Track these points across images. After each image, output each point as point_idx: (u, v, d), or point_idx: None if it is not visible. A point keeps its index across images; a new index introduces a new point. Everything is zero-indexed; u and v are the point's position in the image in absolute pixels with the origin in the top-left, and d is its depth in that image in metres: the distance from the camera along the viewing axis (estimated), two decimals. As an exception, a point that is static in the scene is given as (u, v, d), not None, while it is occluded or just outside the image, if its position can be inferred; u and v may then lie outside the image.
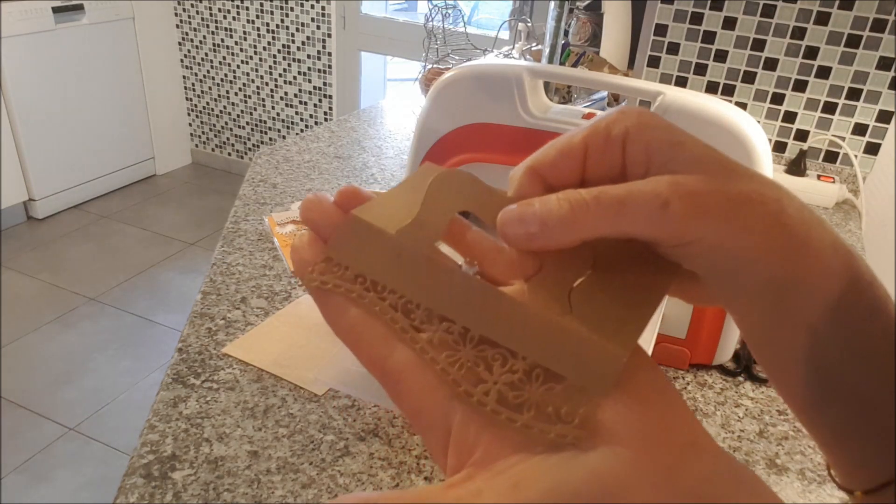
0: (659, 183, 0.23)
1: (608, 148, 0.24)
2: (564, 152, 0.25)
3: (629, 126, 0.24)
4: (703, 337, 0.72)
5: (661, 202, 0.22)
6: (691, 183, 0.23)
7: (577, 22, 1.47)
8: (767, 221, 0.23)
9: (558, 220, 0.23)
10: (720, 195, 0.23)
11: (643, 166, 0.24)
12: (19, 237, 2.75)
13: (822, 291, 0.24)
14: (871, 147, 1.31)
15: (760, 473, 0.61)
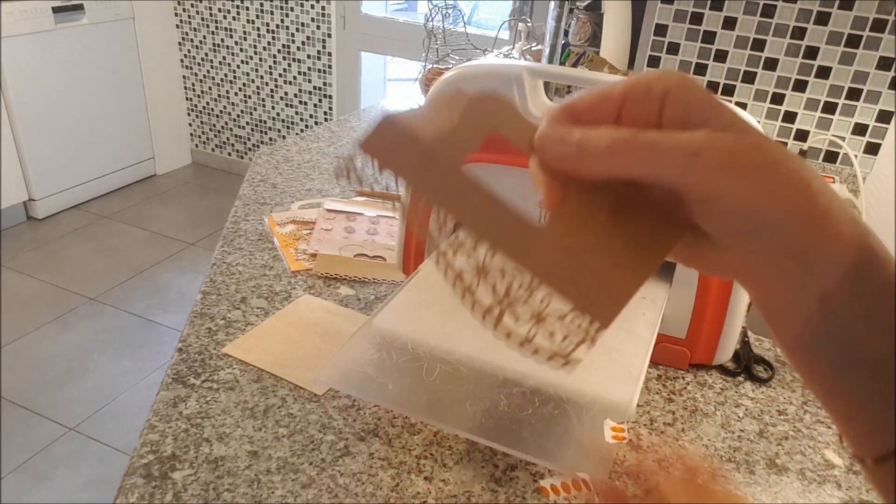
0: (694, 134, 0.24)
1: (647, 102, 0.25)
2: (604, 97, 0.26)
3: (670, 86, 0.25)
4: (703, 337, 0.72)
5: (694, 150, 0.23)
6: (726, 139, 0.23)
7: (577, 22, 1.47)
8: (794, 187, 0.24)
9: (595, 148, 0.24)
10: (752, 154, 0.24)
11: (680, 124, 0.25)
12: (19, 237, 2.75)
13: (840, 260, 0.24)
14: (871, 147, 1.31)
15: (760, 473, 0.61)
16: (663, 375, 0.73)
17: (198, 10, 3.15)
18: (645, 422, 0.66)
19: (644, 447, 0.63)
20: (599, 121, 0.26)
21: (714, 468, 0.57)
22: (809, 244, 0.24)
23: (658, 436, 0.64)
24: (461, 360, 0.60)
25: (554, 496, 0.56)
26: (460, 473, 0.58)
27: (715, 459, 0.62)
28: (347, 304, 0.80)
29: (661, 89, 0.25)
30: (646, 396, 0.69)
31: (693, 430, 0.66)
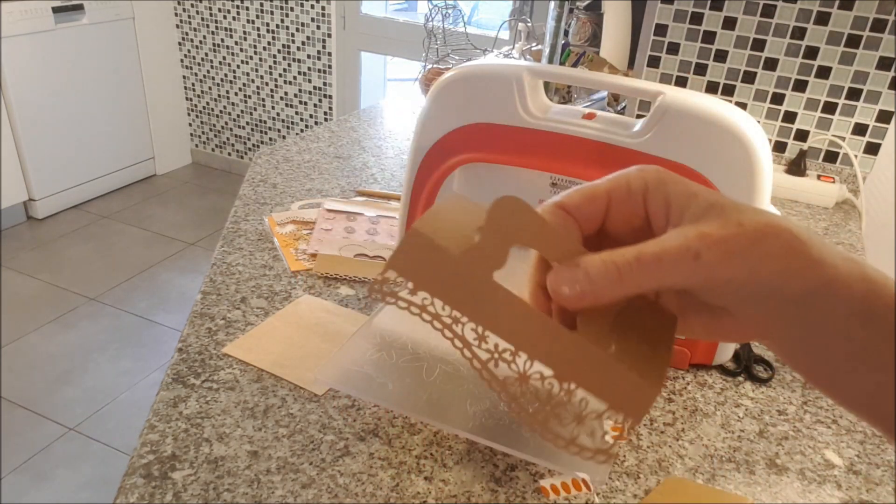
0: (687, 237, 0.26)
1: (630, 199, 0.28)
2: (589, 198, 0.28)
3: (648, 181, 0.28)
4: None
5: (693, 254, 0.26)
6: (715, 231, 0.26)
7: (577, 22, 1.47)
8: (786, 250, 0.26)
9: (606, 282, 0.26)
10: (741, 237, 0.26)
11: (664, 215, 0.28)
12: (19, 237, 2.75)
13: (846, 297, 0.26)
14: (871, 147, 1.31)
15: (760, 473, 0.61)
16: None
17: (198, 10, 3.15)
18: (645, 422, 0.66)
19: (644, 447, 0.63)
20: (590, 218, 0.29)
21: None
22: (813, 293, 0.26)
23: (658, 436, 0.64)
24: (461, 360, 0.60)
25: (554, 496, 0.56)
26: (460, 473, 0.58)
27: (715, 459, 0.62)
28: (347, 304, 0.80)
29: (640, 186, 0.28)
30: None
31: (693, 430, 0.66)
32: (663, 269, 0.26)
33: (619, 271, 0.26)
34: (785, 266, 0.26)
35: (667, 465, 0.61)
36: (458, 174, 0.73)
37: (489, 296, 0.26)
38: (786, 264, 0.26)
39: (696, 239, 0.26)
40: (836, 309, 0.26)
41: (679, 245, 0.26)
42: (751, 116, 0.65)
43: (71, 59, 2.81)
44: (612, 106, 1.44)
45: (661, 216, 0.28)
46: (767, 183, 0.63)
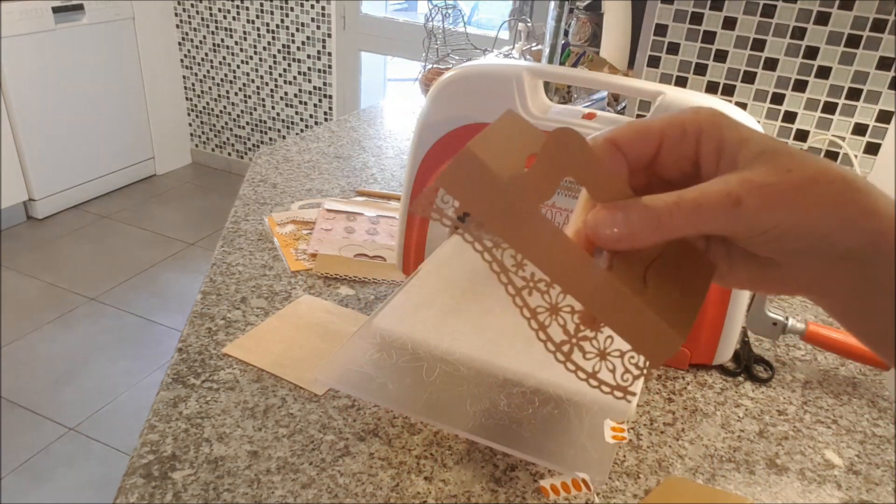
0: (729, 182, 0.25)
1: (683, 141, 0.28)
2: (642, 135, 0.28)
3: (703, 124, 0.27)
4: (703, 337, 0.72)
5: (734, 200, 0.25)
6: (759, 177, 0.25)
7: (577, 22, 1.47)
8: (836, 198, 0.25)
9: (645, 226, 0.26)
10: (787, 183, 0.25)
11: (714, 161, 0.27)
12: (19, 237, 2.75)
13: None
14: (871, 147, 1.31)
15: (760, 473, 0.61)
16: (663, 375, 0.73)
17: (198, 10, 3.15)
18: (645, 422, 0.66)
19: (644, 447, 0.63)
20: (640, 155, 0.28)
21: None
22: (865, 246, 0.25)
23: (658, 436, 0.64)
24: (461, 360, 0.60)
25: (554, 496, 0.56)
26: (460, 473, 0.58)
27: (715, 459, 0.62)
28: (347, 304, 0.80)
29: (695, 129, 0.27)
30: (646, 396, 0.69)
31: (693, 430, 0.66)
32: (703, 216, 0.25)
33: (658, 217, 0.25)
34: (833, 215, 0.25)
35: (667, 465, 0.61)
36: (458, 174, 0.73)
37: (532, 226, 0.26)
38: (834, 213, 0.25)
39: (737, 184, 0.25)
40: (891, 264, 0.25)
41: (720, 190, 0.25)
42: (751, 116, 0.65)
43: (71, 59, 2.81)
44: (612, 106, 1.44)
45: (712, 162, 0.27)
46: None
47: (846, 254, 0.25)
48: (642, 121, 0.28)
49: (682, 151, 0.28)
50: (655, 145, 0.28)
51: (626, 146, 0.28)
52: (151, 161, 3.34)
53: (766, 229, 0.25)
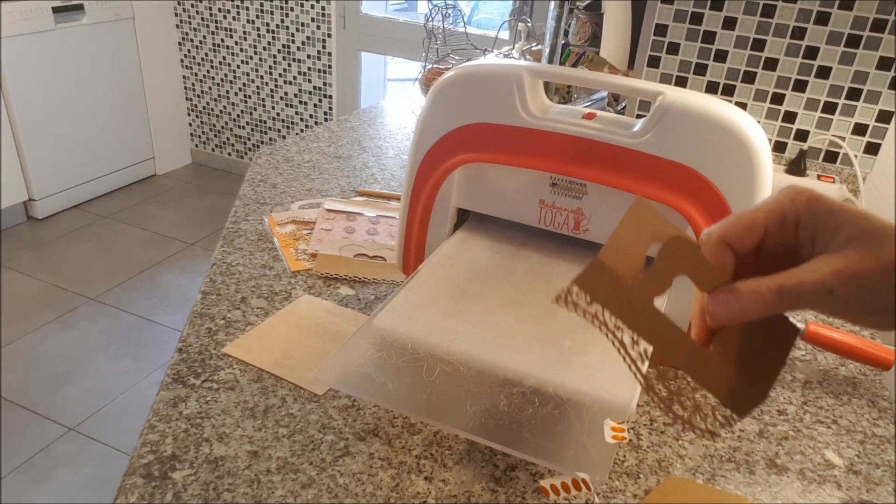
0: (823, 273, 0.30)
1: (783, 230, 0.32)
2: (749, 229, 0.33)
3: (800, 214, 0.32)
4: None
5: (827, 289, 0.30)
6: (850, 266, 0.30)
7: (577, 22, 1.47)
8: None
9: (753, 306, 0.32)
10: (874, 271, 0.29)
11: (811, 244, 0.32)
12: (19, 237, 2.75)
13: None
14: (871, 147, 1.31)
15: (760, 473, 0.61)
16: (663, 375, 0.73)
17: (198, 10, 3.15)
18: (645, 422, 0.66)
19: (644, 447, 0.63)
20: (747, 247, 0.33)
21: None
22: None
23: (658, 436, 0.64)
24: (461, 360, 0.60)
25: (554, 496, 0.56)
26: (460, 473, 0.58)
27: (715, 459, 0.62)
28: (347, 304, 0.80)
29: (793, 217, 0.32)
30: (646, 396, 0.69)
31: (693, 430, 0.66)
32: (800, 301, 0.31)
33: (763, 299, 0.31)
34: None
35: (667, 465, 0.61)
36: (458, 174, 0.73)
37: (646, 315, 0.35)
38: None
39: (830, 275, 0.30)
40: None
41: (815, 280, 0.30)
42: (751, 116, 0.65)
43: (71, 59, 2.81)
44: (612, 106, 1.44)
45: (808, 245, 0.32)
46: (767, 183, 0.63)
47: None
48: (749, 215, 0.33)
49: (782, 239, 0.33)
50: (761, 234, 0.33)
51: (734, 242, 0.33)
52: (151, 161, 3.34)
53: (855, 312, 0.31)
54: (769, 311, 0.31)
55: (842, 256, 0.30)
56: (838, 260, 0.30)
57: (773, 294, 0.31)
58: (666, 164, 0.63)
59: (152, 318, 2.31)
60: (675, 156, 0.63)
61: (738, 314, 0.32)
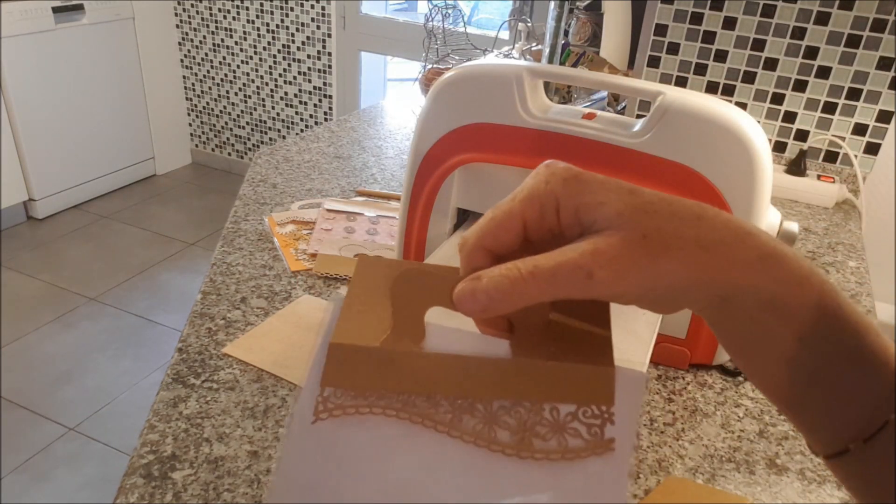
0: (583, 254, 0.26)
1: (544, 217, 0.28)
2: (505, 226, 0.28)
3: (559, 196, 0.27)
4: (703, 337, 0.72)
5: (586, 273, 0.26)
6: (611, 249, 0.26)
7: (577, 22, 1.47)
8: (686, 260, 0.26)
9: (502, 294, 0.26)
10: (637, 253, 0.26)
11: (576, 227, 0.28)
12: (19, 237, 2.75)
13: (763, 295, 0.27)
14: (871, 147, 1.31)
15: (760, 473, 0.61)
16: (663, 375, 0.73)
17: (198, 10, 3.15)
18: (645, 422, 0.66)
19: (644, 447, 0.63)
20: (508, 245, 0.28)
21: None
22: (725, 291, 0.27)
23: (658, 436, 0.64)
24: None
25: None
26: (460, 473, 0.58)
27: (715, 459, 0.62)
28: (347, 304, 0.80)
29: (552, 203, 0.28)
30: (646, 396, 0.69)
31: (693, 430, 0.66)
32: (557, 286, 0.26)
33: (512, 286, 0.26)
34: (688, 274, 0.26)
35: (667, 465, 0.61)
36: (458, 174, 0.73)
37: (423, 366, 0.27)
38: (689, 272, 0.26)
39: (589, 256, 0.26)
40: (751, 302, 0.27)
41: (572, 262, 0.26)
42: (751, 116, 0.65)
43: (71, 59, 2.81)
44: (612, 106, 1.44)
45: (575, 228, 0.28)
46: (767, 183, 0.63)
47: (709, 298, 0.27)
48: (503, 209, 0.28)
49: (547, 226, 0.28)
50: (520, 229, 0.28)
51: (492, 243, 0.28)
52: (151, 161, 3.34)
53: (619, 296, 0.27)
54: (524, 299, 0.26)
55: (603, 237, 0.26)
56: (599, 240, 0.26)
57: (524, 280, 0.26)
58: (666, 164, 0.63)
59: (152, 318, 2.31)
60: (674, 156, 0.63)
61: (488, 307, 0.27)
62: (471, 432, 0.27)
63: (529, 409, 0.27)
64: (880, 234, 1.40)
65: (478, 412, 0.27)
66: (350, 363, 0.27)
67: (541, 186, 0.28)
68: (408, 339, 0.28)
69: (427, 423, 0.27)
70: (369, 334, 0.27)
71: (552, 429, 0.27)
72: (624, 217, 0.26)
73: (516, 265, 0.26)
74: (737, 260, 0.27)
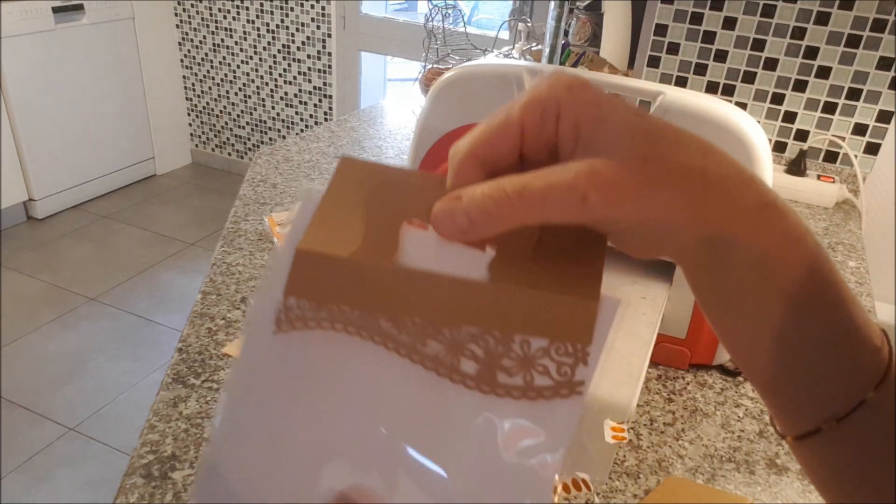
0: (578, 175, 0.23)
1: (544, 126, 0.25)
2: (502, 132, 0.25)
3: (561, 102, 0.25)
4: (703, 337, 0.72)
5: (580, 196, 0.23)
6: (609, 171, 0.23)
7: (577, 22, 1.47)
8: (688, 192, 0.24)
9: (485, 216, 0.23)
10: (638, 178, 0.23)
11: (572, 142, 0.25)
12: (19, 237, 2.75)
13: (755, 248, 0.25)
14: (871, 147, 1.31)
15: (760, 473, 0.61)
16: (663, 375, 0.73)
17: (198, 10, 3.15)
18: (645, 422, 0.66)
19: (644, 447, 0.63)
20: (504, 156, 0.26)
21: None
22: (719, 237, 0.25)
23: (658, 436, 0.64)
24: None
25: (554, 496, 0.56)
26: (460, 473, 0.58)
27: (715, 459, 0.62)
28: (347, 304, 0.80)
29: (553, 108, 0.25)
30: (646, 396, 0.69)
31: (693, 430, 0.66)
32: (546, 209, 0.23)
33: (496, 208, 0.23)
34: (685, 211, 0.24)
35: (667, 465, 0.61)
36: (458, 174, 0.73)
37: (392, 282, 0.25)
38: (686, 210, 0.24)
39: (585, 177, 0.23)
40: (745, 257, 0.25)
41: (566, 183, 0.23)
42: (751, 116, 0.65)
43: (71, 59, 2.81)
44: (612, 106, 1.44)
45: (570, 142, 0.25)
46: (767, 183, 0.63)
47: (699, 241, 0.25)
48: (500, 114, 0.26)
49: (544, 138, 0.25)
50: (517, 139, 0.25)
51: (488, 153, 0.26)
52: (151, 161, 3.34)
53: (612, 223, 0.24)
54: (510, 221, 0.23)
55: (602, 157, 0.23)
56: (597, 161, 0.23)
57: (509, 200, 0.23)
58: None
59: (152, 318, 2.31)
60: (675, 156, 0.63)
61: (468, 230, 0.24)
62: (433, 359, 0.25)
63: (499, 340, 0.24)
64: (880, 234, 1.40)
65: (443, 338, 0.25)
66: (317, 273, 0.25)
67: (543, 91, 0.25)
68: (381, 251, 0.25)
69: (389, 345, 0.25)
70: (340, 243, 0.25)
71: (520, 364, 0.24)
72: (626, 138, 0.24)
73: (501, 184, 0.23)
74: (738, 202, 0.25)
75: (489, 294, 0.24)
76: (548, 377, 0.24)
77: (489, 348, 0.24)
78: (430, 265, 0.25)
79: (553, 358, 0.24)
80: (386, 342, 0.25)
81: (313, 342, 0.25)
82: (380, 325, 0.25)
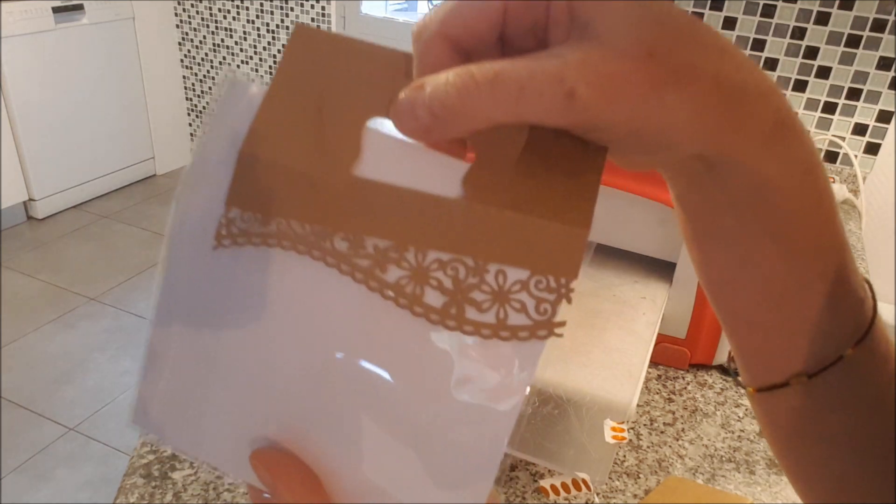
0: (567, 65, 0.18)
1: (530, 6, 0.20)
2: (479, 10, 0.21)
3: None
4: (703, 337, 0.72)
5: (566, 91, 0.18)
6: (605, 63, 0.19)
7: (577, 22, 1.47)
8: (696, 101, 0.20)
9: (448, 111, 0.19)
10: (638, 75, 0.19)
11: (565, 25, 0.20)
12: (19, 237, 2.75)
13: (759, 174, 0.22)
14: (871, 147, 1.31)
15: (761, 473, 0.61)
16: (663, 375, 0.73)
17: (198, 10, 3.15)
18: (645, 422, 0.66)
19: (644, 447, 0.63)
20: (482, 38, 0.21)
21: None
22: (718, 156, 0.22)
23: (658, 436, 0.64)
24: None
25: (554, 496, 0.56)
26: (460, 473, 0.58)
27: (715, 459, 0.62)
28: (347, 304, 0.80)
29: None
30: (646, 396, 0.69)
31: (693, 430, 0.66)
32: (524, 104, 0.18)
33: (463, 100, 0.18)
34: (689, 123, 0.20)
35: (667, 465, 0.61)
36: (458, 174, 0.73)
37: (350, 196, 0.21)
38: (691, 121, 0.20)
39: (575, 68, 0.18)
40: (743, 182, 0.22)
41: (550, 72, 0.18)
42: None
43: (71, 59, 2.81)
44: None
45: (562, 24, 0.20)
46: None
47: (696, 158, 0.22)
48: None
49: (532, 21, 0.21)
50: (499, 21, 0.21)
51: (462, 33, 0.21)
52: (151, 161, 3.34)
53: (603, 128, 0.20)
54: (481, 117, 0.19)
55: (597, 45, 0.19)
56: (591, 49, 0.19)
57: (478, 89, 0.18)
58: (666, 164, 0.63)
59: (152, 318, 2.31)
60: (675, 156, 0.63)
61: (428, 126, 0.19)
62: (394, 287, 0.21)
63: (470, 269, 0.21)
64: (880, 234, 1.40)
65: (407, 264, 0.21)
66: (263, 181, 0.21)
67: None
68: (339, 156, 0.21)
69: (343, 269, 0.21)
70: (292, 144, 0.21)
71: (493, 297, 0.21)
72: (631, 24, 0.19)
73: (469, 70, 0.19)
74: (750, 120, 0.21)
75: (462, 214, 0.21)
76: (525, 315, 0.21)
77: (458, 278, 0.21)
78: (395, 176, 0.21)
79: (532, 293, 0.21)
80: (340, 265, 0.22)
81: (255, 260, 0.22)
82: (334, 246, 0.21)
